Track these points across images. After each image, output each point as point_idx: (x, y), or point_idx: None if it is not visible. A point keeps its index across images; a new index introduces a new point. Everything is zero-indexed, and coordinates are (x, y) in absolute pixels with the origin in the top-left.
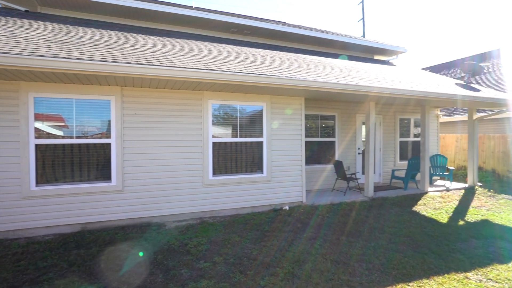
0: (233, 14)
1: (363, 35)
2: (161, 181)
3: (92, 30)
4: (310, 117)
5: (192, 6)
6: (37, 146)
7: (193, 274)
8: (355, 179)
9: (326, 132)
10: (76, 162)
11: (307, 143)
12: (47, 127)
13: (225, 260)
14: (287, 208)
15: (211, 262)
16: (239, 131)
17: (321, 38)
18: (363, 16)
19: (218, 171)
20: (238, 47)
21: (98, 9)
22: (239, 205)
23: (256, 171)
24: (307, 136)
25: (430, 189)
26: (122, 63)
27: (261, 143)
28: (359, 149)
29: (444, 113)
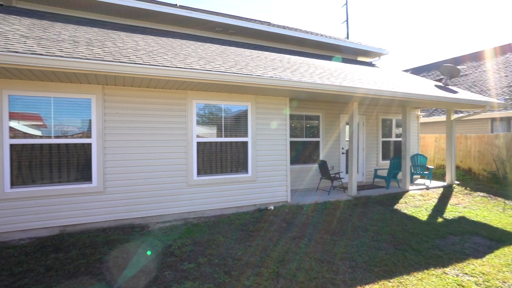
0: (218, 14)
1: (347, 37)
2: (144, 181)
3: (72, 26)
4: (295, 117)
5: (176, 5)
6: (12, 146)
7: (177, 275)
8: (339, 179)
9: (311, 132)
10: (55, 162)
11: (292, 143)
12: (23, 126)
13: (210, 261)
14: (272, 208)
15: (195, 263)
16: (224, 131)
17: (306, 39)
18: (347, 18)
19: (203, 171)
20: (223, 46)
21: (78, 5)
22: (224, 205)
23: (241, 171)
24: (292, 136)
25: (411, 187)
26: (103, 61)
27: (246, 143)
28: (343, 148)
29: (424, 113)
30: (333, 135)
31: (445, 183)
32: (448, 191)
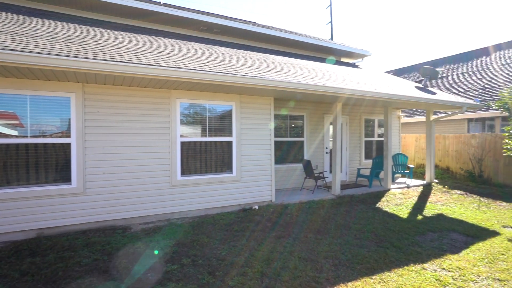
0: (203, 12)
1: (331, 38)
2: (127, 182)
3: (50, 22)
4: (279, 117)
5: (160, 2)
6: None
7: (160, 277)
8: (323, 178)
9: (296, 132)
10: (32, 163)
11: (276, 142)
12: None
13: (194, 262)
14: (257, 208)
15: (179, 264)
16: (208, 130)
17: (291, 39)
18: (331, 19)
19: (187, 171)
20: (208, 45)
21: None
22: (208, 205)
23: (226, 171)
24: (276, 136)
25: (392, 186)
26: (82, 58)
27: (230, 143)
28: (327, 148)
29: (405, 114)
30: (317, 135)
31: (424, 182)
32: (427, 189)
